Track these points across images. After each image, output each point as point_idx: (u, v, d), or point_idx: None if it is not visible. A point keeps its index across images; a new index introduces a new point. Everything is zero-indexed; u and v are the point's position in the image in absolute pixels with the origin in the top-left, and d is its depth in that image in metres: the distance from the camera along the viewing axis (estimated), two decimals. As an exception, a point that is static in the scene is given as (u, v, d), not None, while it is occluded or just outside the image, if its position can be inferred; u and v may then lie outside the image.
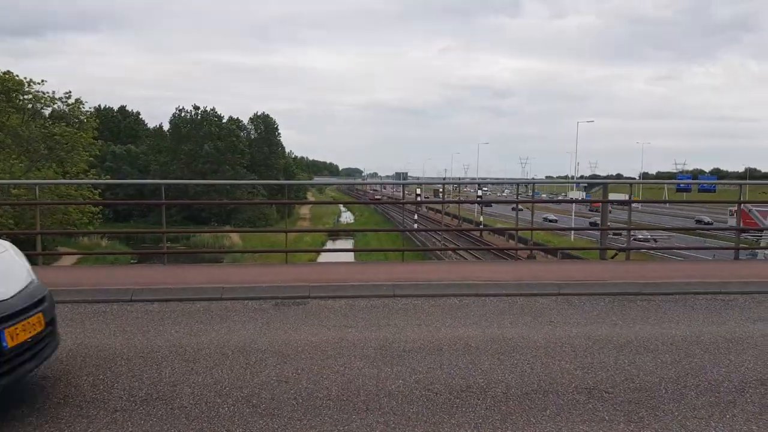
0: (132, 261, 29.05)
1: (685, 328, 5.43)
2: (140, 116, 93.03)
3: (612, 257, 10.30)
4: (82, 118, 36.30)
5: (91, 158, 35.63)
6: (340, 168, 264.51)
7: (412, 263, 9.32)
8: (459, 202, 63.86)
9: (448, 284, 6.83)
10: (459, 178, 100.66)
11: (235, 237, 55.45)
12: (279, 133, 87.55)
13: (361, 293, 6.58)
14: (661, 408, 3.72)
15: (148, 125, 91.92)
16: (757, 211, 27.29)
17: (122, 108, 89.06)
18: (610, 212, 10.42)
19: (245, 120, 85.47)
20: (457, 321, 5.60)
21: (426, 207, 74.03)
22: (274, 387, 4.01)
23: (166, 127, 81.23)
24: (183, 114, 77.32)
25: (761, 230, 26.88)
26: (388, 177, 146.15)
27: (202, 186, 63.85)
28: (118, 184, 58.60)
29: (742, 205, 9.59)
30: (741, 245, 10.37)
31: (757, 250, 18.62)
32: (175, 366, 4.39)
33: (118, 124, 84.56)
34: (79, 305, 6.15)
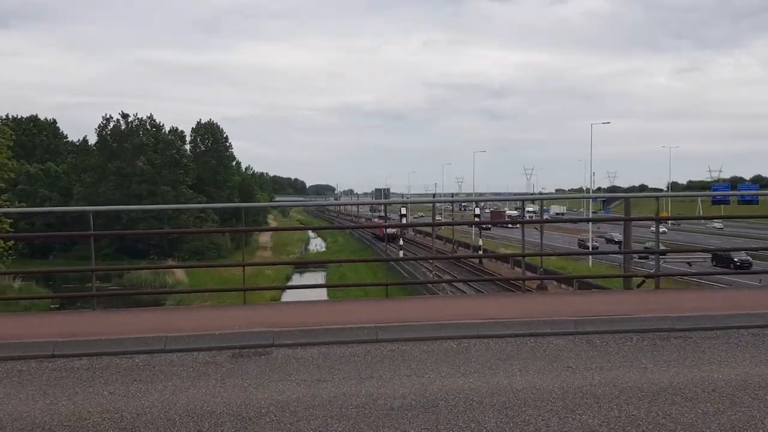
0: (53, 306, 28.57)
1: (729, 370, 5.50)
2: (58, 127, 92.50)
3: (639, 285, 10.43)
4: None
5: (1, 185, 35.26)
6: (308, 185, 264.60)
7: (399, 300, 9.32)
8: (453, 224, 64.17)
9: (442, 324, 6.84)
10: (452, 195, 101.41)
11: (180, 273, 54.96)
12: (230, 145, 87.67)
13: (337, 338, 6.55)
14: (704, 469, 3.75)
15: (70, 138, 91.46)
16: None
17: (35, 118, 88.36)
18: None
19: (189, 130, 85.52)
20: (455, 369, 5.60)
21: (413, 231, 74.32)
22: (233, 459, 3.97)
23: (92, 140, 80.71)
24: (111, 123, 76.98)
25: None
26: (366, 195, 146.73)
27: (137, 211, 63.57)
28: (35, 213, 57.94)
29: None
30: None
31: None
32: (109, 437, 4.33)
33: (32, 138, 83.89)
34: (-12, 364, 6.04)
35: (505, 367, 5.66)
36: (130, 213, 61.98)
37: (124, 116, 77.14)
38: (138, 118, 77.51)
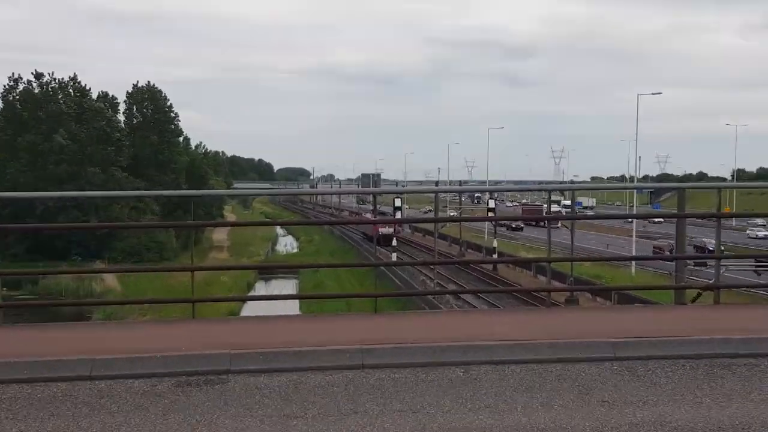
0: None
1: (807, 406, 5.56)
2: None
3: (694, 300, 10.49)
4: None
5: None
6: (276, 168, 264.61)
7: (391, 315, 9.35)
8: (461, 220, 64.26)
9: (446, 347, 6.87)
10: (460, 182, 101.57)
11: (112, 279, 54.93)
12: (176, 115, 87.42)
13: (311, 363, 6.57)
14: None
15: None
16: None
17: None
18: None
19: (123, 96, 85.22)
20: (461, 404, 5.64)
21: (411, 228, 74.39)
22: None
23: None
24: (21, 86, 76.47)
25: None
26: (350, 182, 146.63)
27: (56, 200, 63.28)
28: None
29: None
30: None
31: None
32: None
33: None
34: None
35: (524, 400, 5.70)
36: (47, 201, 61.73)
37: (38, 77, 76.67)
38: (56, 80, 77.12)
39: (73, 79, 78.05)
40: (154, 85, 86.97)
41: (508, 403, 5.66)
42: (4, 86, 76.54)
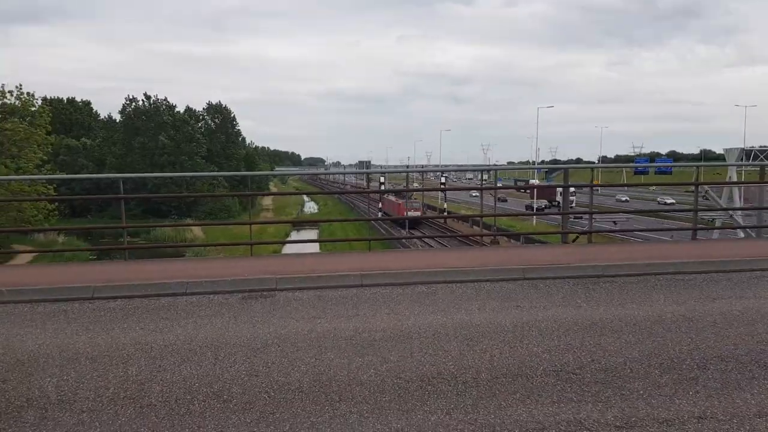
0: (91, 257, 28.23)
1: (647, 308, 5.60)
2: (92, 107, 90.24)
3: (573, 240, 10.54)
4: (33, 110, 35.25)
5: (44, 156, 34.81)
6: (303, 157, 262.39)
7: (379, 252, 9.35)
8: (423, 190, 63.80)
9: (415, 272, 6.87)
10: (422, 166, 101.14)
11: (198, 230, 54.54)
12: (236, 123, 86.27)
13: (328, 284, 6.57)
14: (626, 387, 3.84)
15: (101, 116, 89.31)
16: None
17: (72, 100, 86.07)
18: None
19: (200, 110, 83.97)
20: (425, 308, 5.65)
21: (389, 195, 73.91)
22: (245, 381, 3.99)
23: (116, 117, 78.80)
24: (133, 104, 75.17)
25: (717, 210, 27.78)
26: (351, 166, 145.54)
27: (160, 178, 62.56)
28: (74, 179, 56.80)
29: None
30: (698, 225, 10.72)
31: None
32: (141, 364, 4.32)
33: (69, 116, 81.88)
34: (38, 304, 5.98)
35: (466, 306, 5.72)
36: (155, 179, 61.00)
37: (147, 98, 75.41)
38: (158, 100, 75.86)
39: (165, 99, 76.71)
40: (222, 103, 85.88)
41: (456, 307, 5.68)
42: (123, 104, 75.26)
